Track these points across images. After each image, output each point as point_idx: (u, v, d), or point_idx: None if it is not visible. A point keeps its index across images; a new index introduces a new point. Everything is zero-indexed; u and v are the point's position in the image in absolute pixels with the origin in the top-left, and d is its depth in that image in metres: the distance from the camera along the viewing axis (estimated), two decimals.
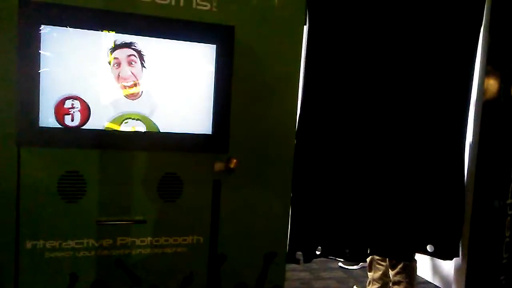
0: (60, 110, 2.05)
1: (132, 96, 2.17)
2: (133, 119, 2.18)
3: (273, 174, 2.43)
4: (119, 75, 2.15)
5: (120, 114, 2.15)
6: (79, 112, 2.07)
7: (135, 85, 2.18)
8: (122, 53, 2.14)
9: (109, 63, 2.13)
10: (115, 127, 2.15)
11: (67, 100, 2.05)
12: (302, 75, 2.47)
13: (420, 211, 2.73)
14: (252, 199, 2.40)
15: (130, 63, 2.16)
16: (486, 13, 2.71)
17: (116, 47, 2.13)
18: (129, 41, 2.14)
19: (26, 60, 1.97)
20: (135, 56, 2.17)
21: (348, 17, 2.53)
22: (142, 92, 2.18)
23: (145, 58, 2.18)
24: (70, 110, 2.06)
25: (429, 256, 2.99)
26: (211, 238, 2.34)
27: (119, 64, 2.15)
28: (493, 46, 2.71)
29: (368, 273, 3.45)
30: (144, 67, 2.18)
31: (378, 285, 3.23)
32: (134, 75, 2.17)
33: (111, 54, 2.13)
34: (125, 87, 2.16)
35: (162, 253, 2.26)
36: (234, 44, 2.26)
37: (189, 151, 2.26)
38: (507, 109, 2.79)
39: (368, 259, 3.42)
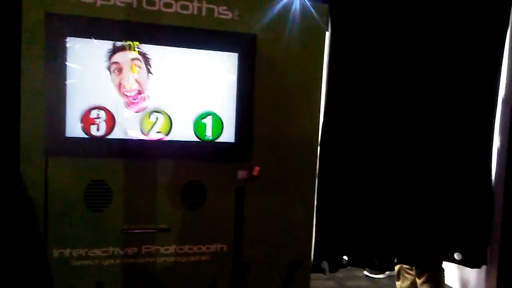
0: (86, 120, 2.08)
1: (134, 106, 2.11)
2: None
3: (297, 181, 2.41)
4: (120, 83, 2.10)
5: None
6: (104, 122, 2.10)
7: (139, 94, 2.11)
8: (124, 57, 2.09)
9: (108, 68, 2.08)
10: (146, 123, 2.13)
11: (93, 110, 2.08)
12: (325, 82, 2.46)
13: (447, 219, 2.68)
14: (276, 207, 2.38)
15: (133, 69, 2.09)
16: None
17: (116, 49, 2.09)
18: (131, 43, 2.07)
19: (53, 72, 2.01)
20: (139, 60, 2.12)
21: (371, 22, 2.51)
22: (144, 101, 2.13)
23: (151, 63, 2.11)
24: (96, 120, 2.09)
25: (457, 265, 2.92)
26: (235, 246, 2.33)
27: (120, 70, 2.10)
28: None
29: (396, 282, 3.38)
30: (151, 73, 2.14)
31: None
32: (138, 83, 2.10)
33: (110, 58, 2.08)
34: (127, 96, 2.11)
35: (186, 261, 2.27)
36: (256, 52, 2.26)
37: (213, 159, 2.27)
38: None
39: (396, 268, 3.35)
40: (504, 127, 2.69)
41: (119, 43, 2.08)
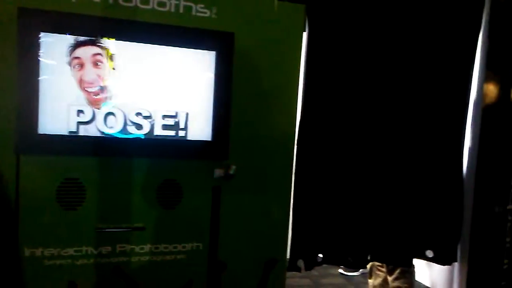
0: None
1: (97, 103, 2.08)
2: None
3: (273, 180, 2.42)
4: (81, 78, 2.05)
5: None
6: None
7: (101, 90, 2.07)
8: (85, 52, 2.05)
9: (69, 63, 2.03)
10: None
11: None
12: (302, 81, 2.47)
13: (419, 217, 2.73)
14: (252, 206, 2.39)
15: (95, 64, 2.07)
16: (484, 18, 2.72)
17: (78, 44, 2.05)
18: (93, 38, 2.03)
19: (25, 68, 1.96)
20: (101, 55, 2.08)
21: (348, 23, 2.53)
22: (107, 97, 2.08)
23: (114, 58, 2.07)
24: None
25: (427, 262, 2.99)
26: (211, 245, 2.33)
27: (81, 65, 2.05)
28: (492, 50, 2.71)
29: (369, 280, 3.43)
30: (113, 68, 2.09)
31: None
32: (100, 78, 2.06)
33: (71, 53, 2.03)
34: (88, 92, 2.06)
35: (162, 260, 2.25)
36: (233, 50, 2.26)
37: (189, 158, 2.26)
38: (506, 114, 2.78)
39: (368, 266, 3.40)
40: (475, 127, 2.76)
41: (82, 38, 2.03)
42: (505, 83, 2.76)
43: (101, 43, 2.06)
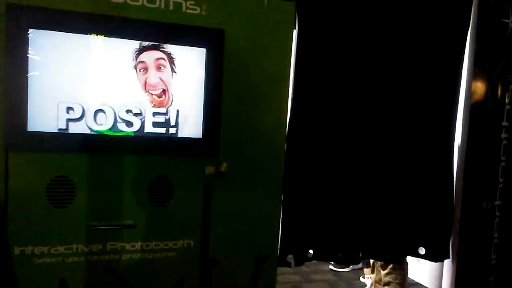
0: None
1: (161, 105, 2.16)
2: None
3: (264, 177, 2.43)
4: (146, 82, 2.13)
5: None
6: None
7: (164, 93, 2.16)
8: (149, 57, 2.12)
9: (135, 67, 2.11)
10: None
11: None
12: (292, 77, 2.48)
13: (411, 214, 2.75)
14: (243, 203, 2.39)
15: (159, 68, 2.14)
16: (473, 16, 2.75)
17: (143, 49, 2.12)
18: (157, 43, 2.11)
19: (14, 64, 1.95)
20: (164, 60, 2.15)
21: (337, 19, 2.54)
22: (172, 101, 2.18)
23: (175, 62, 2.15)
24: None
25: (418, 258, 3.02)
26: (202, 242, 2.33)
27: (146, 69, 2.13)
28: (480, 49, 2.75)
29: (371, 275, 3.47)
30: (175, 72, 2.17)
31: (380, 287, 3.24)
32: (163, 82, 2.15)
33: (137, 57, 2.10)
34: (152, 95, 2.15)
35: (153, 258, 2.25)
36: (224, 47, 2.26)
37: (180, 155, 2.25)
38: (494, 111, 2.82)
39: (371, 262, 3.44)
40: (465, 124, 2.78)
41: (146, 43, 2.11)
42: (493, 81, 2.80)
43: (164, 48, 2.13)
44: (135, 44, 2.12)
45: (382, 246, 2.75)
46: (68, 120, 2.06)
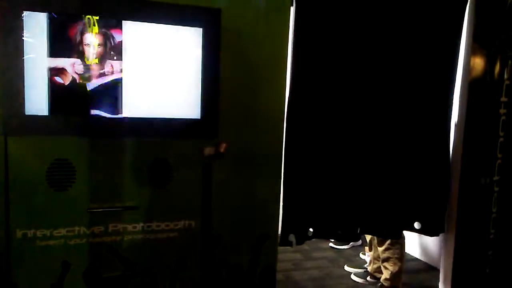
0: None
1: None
2: None
3: (263, 157, 2.43)
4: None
5: None
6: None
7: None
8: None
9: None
10: None
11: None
12: (290, 57, 2.46)
13: (407, 190, 2.78)
14: (243, 183, 2.41)
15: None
16: None
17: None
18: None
19: (9, 47, 1.93)
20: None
21: None
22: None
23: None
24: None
25: (417, 234, 3.05)
26: (203, 222, 2.35)
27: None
28: (479, 24, 2.72)
29: (369, 253, 3.51)
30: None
31: (379, 264, 3.28)
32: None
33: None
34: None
35: (154, 239, 2.27)
36: (220, 27, 2.24)
37: (178, 137, 2.25)
38: (493, 87, 2.81)
39: (368, 239, 3.47)
40: (463, 100, 2.78)
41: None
42: (491, 57, 2.78)
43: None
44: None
45: (379, 222, 2.78)
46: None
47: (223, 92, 2.29)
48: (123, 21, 2.10)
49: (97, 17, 2.05)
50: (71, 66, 2.04)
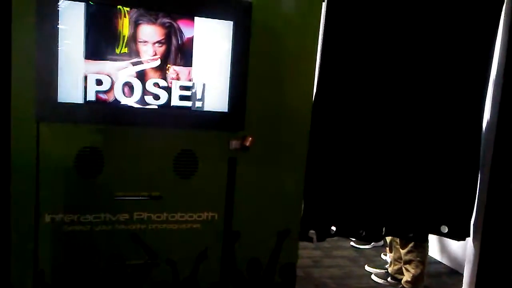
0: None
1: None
2: None
3: (288, 152, 2.43)
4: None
5: None
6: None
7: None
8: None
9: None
10: None
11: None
12: (319, 53, 2.44)
13: (435, 191, 2.73)
14: (267, 177, 2.41)
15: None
16: None
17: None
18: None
19: (44, 36, 1.97)
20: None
21: None
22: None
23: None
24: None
25: (439, 237, 3.00)
26: (226, 215, 2.36)
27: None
28: None
29: (389, 254, 3.47)
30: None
31: (399, 265, 3.25)
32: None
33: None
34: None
35: (178, 229, 2.29)
36: (251, 21, 2.23)
37: (205, 129, 2.27)
38: None
39: (388, 240, 3.44)
40: (496, 102, 2.71)
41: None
42: None
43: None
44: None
45: (405, 224, 2.74)
46: (97, 92, 2.08)
47: (251, 85, 2.29)
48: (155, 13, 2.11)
49: (129, 8, 2.07)
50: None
